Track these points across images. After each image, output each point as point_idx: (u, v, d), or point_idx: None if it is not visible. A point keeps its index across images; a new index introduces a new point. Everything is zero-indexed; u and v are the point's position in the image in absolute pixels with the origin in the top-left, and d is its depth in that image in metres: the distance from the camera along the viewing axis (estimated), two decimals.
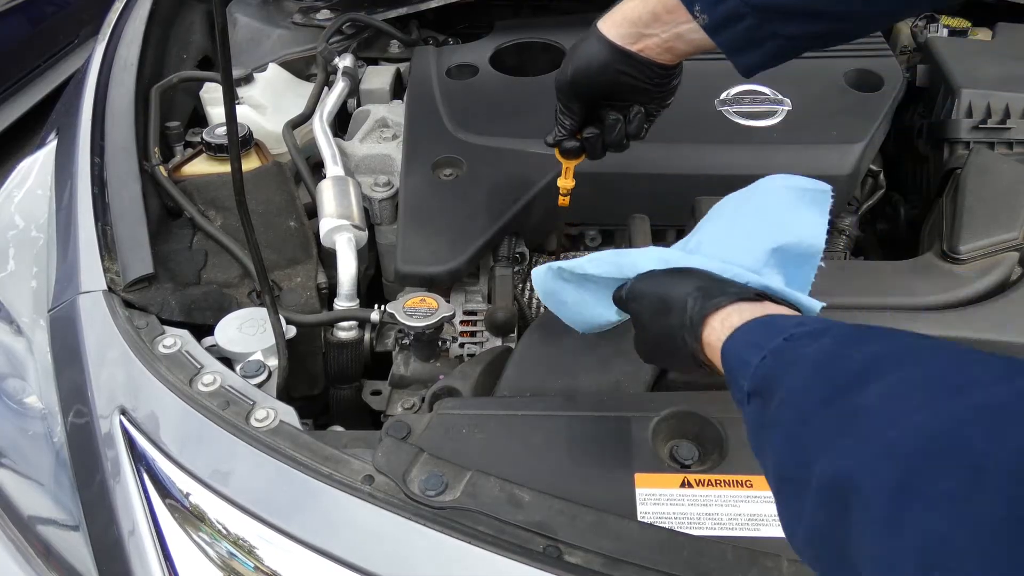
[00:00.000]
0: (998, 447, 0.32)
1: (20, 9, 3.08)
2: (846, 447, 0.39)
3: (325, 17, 1.57)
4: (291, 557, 0.69)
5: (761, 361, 0.50)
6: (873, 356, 0.43)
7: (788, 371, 0.48)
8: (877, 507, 0.36)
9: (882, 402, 0.40)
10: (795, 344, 0.50)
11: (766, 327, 0.55)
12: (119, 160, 1.12)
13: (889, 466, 0.36)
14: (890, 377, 0.41)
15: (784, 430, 0.46)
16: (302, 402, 1.01)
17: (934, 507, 0.33)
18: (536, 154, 1.18)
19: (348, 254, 1.08)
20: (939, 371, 0.40)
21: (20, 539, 0.83)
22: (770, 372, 0.49)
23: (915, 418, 0.37)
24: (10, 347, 0.98)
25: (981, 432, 0.34)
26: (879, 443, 0.37)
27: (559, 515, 0.68)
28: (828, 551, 0.41)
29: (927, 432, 0.36)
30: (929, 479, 0.34)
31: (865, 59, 1.32)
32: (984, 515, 0.31)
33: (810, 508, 0.41)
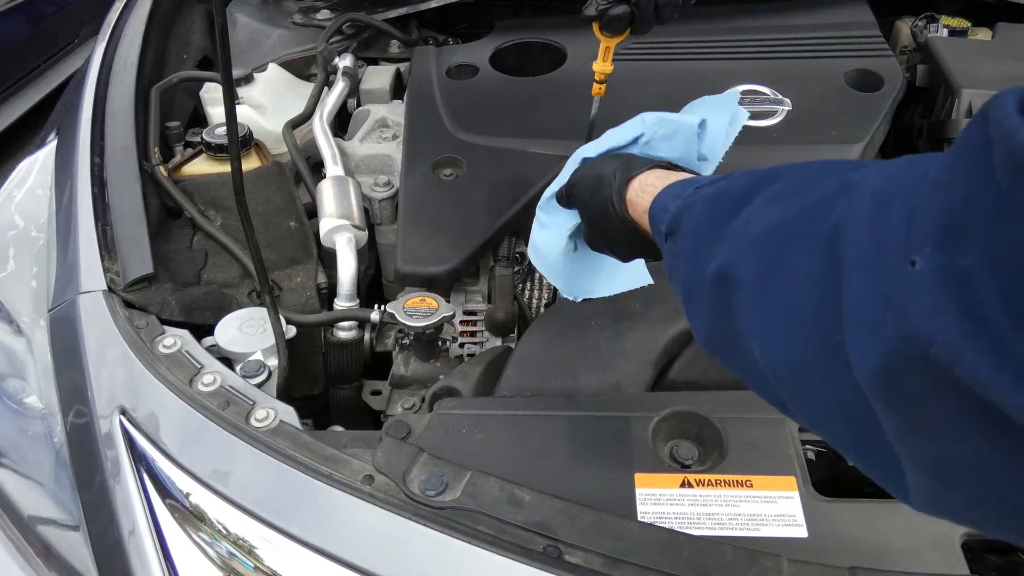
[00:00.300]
0: (821, 226, 0.41)
1: (20, 9, 3.08)
2: (726, 250, 0.49)
3: (325, 17, 1.58)
4: (291, 557, 0.69)
5: (676, 207, 0.60)
6: (750, 183, 0.53)
7: (691, 210, 0.58)
8: (749, 288, 0.45)
9: (752, 211, 0.49)
10: (701, 190, 0.59)
11: (684, 184, 0.64)
12: (119, 160, 1.12)
13: (756, 255, 0.46)
14: (760, 195, 0.50)
15: (687, 253, 0.56)
16: (302, 402, 1.01)
17: (788, 278, 0.42)
18: (536, 154, 1.18)
19: (348, 254, 1.08)
20: (793, 182, 0.49)
21: (20, 539, 0.83)
22: (679, 213, 0.59)
23: (773, 217, 0.46)
24: (10, 347, 0.98)
25: (814, 217, 0.42)
26: (748, 239, 0.47)
27: (559, 515, 0.68)
28: (721, 335, 0.50)
29: (780, 224, 0.45)
30: (784, 257, 0.43)
31: (865, 59, 1.32)
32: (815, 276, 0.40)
33: (706, 306, 0.51)
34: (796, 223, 0.44)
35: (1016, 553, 0.70)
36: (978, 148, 0.31)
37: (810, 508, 0.70)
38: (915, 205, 0.35)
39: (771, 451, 0.75)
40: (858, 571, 0.63)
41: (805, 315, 0.41)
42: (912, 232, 0.34)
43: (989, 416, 0.30)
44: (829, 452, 0.80)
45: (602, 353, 0.88)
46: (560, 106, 1.29)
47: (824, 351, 0.39)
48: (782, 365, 0.43)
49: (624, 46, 1.41)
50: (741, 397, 0.82)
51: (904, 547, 0.67)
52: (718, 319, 0.50)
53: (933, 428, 0.34)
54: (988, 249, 0.30)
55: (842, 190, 0.42)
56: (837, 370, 0.38)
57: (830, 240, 0.40)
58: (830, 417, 0.41)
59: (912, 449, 0.36)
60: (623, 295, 0.94)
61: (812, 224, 0.42)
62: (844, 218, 0.39)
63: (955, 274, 0.31)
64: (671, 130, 0.77)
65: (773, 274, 0.44)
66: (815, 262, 0.40)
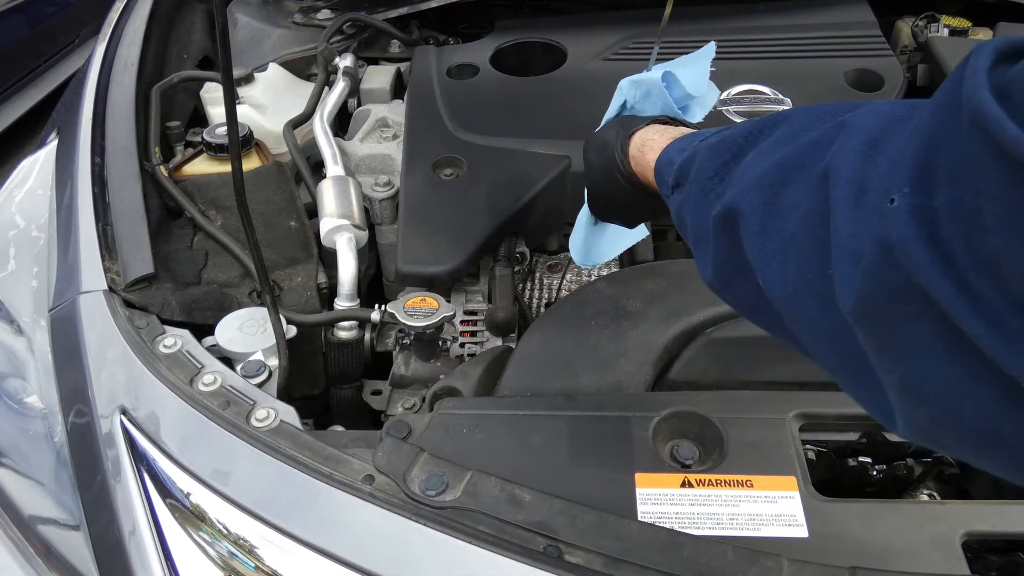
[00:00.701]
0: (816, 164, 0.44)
1: (20, 9, 3.08)
2: (730, 191, 0.52)
3: (325, 17, 1.58)
4: (291, 557, 0.69)
5: (681, 159, 0.62)
6: (753, 129, 0.55)
7: (695, 159, 0.60)
8: (752, 223, 0.48)
9: (755, 156, 0.52)
10: (706, 141, 0.61)
11: (689, 138, 0.66)
12: (119, 160, 1.12)
13: (758, 193, 0.48)
14: (764, 141, 0.52)
15: (693, 200, 0.58)
16: (302, 402, 1.01)
17: (784, 214, 0.46)
18: (536, 154, 1.18)
19: (348, 254, 1.08)
20: (795, 125, 0.51)
21: (20, 539, 0.83)
22: (685, 164, 0.61)
23: (774, 157, 0.49)
24: (10, 347, 0.98)
25: (811, 156, 0.45)
26: (751, 178, 0.50)
27: (559, 515, 0.68)
28: (730, 271, 0.53)
29: (780, 164, 0.48)
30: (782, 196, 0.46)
31: (865, 59, 1.32)
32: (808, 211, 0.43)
33: (713, 247, 0.54)
34: (793, 162, 0.47)
35: (1016, 553, 0.70)
36: (953, 98, 0.34)
37: (810, 508, 0.70)
38: (900, 146, 0.38)
39: (771, 451, 0.75)
40: (858, 571, 0.63)
41: (800, 247, 0.44)
42: (894, 172, 0.37)
43: (953, 339, 0.34)
44: (829, 452, 0.80)
45: (602, 353, 0.88)
46: (560, 106, 1.29)
47: (817, 279, 0.42)
48: (781, 294, 0.46)
49: (624, 46, 1.42)
50: (741, 397, 0.82)
51: (904, 547, 0.67)
52: (727, 256, 0.53)
53: (905, 351, 0.37)
54: (952, 193, 0.33)
55: (837, 130, 0.44)
56: (826, 298, 0.41)
57: (823, 178, 0.43)
58: (823, 343, 0.45)
59: (886, 370, 0.39)
60: (623, 295, 0.94)
61: (807, 163, 0.45)
62: (836, 157, 0.42)
63: (926, 213, 0.34)
64: (645, 90, 0.82)
65: (771, 209, 0.47)
66: (809, 198, 0.44)
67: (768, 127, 0.54)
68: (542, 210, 1.15)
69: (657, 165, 0.68)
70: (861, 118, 0.43)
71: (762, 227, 0.48)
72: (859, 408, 0.81)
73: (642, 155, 0.72)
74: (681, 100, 0.82)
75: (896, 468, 0.80)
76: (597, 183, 0.80)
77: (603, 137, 0.79)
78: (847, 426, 0.80)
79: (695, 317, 0.90)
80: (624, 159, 0.74)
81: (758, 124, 0.55)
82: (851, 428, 0.80)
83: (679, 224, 0.63)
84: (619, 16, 1.50)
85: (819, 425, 0.79)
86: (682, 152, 0.63)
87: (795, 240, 0.45)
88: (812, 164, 0.44)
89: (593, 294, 0.96)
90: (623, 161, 0.74)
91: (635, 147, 0.73)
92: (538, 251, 1.25)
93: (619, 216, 0.85)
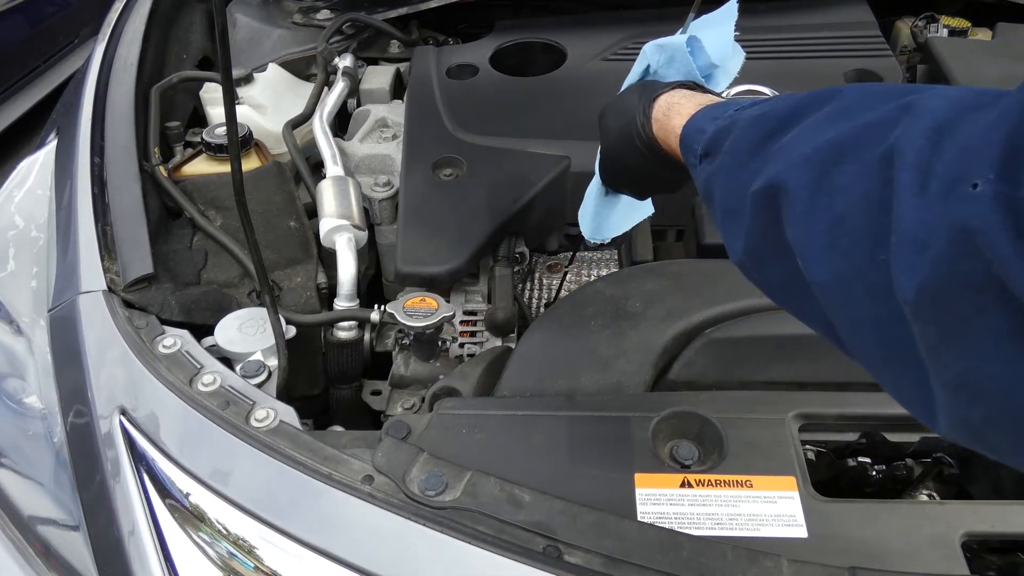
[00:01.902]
0: (876, 146, 0.42)
1: (20, 9, 3.08)
2: (775, 167, 0.50)
3: (325, 17, 1.58)
4: (291, 557, 0.69)
5: (714, 128, 0.60)
6: (800, 104, 0.53)
7: (731, 130, 0.57)
8: (798, 201, 0.47)
9: (801, 131, 0.50)
10: (740, 111, 0.59)
11: (722, 107, 0.63)
12: (119, 160, 1.12)
13: (807, 171, 0.47)
14: (809, 117, 0.50)
15: (726, 172, 0.56)
16: (302, 402, 1.01)
17: (836, 193, 0.44)
18: (536, 154, 1.18)
19: (348, 254, 1.08)
20: (848, 104, 0.49)
21: (20, 539, 0.83)
22: (718, 134, 0.59)
23: (827, 135, 0.47)
24: (10, 347, 0.98)
25: (869, 137, 0.43)
26: (800, 156, 0.48)
27: (559, 515, 0.68)
28: (764, 250, 0.52)
29: (833, 142, 0.46)
30: (833, 176, 0.45)
31: (865, 59, 1.32)
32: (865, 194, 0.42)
33: (748, 222, 0.52)
34: (849, 141, 0.45)
35: (1016, 553, 0.70)
36: None
37: (810, 508, 0.70)
38: (978, 132, 0.36)
39: (771, 451, 0.75)
40: (858, 571, 0.63)
41: (852, 229, 0.42)
42: (971, 158, 0.35)
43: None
44: (829, 452, 0.80)
45: (602, 353, 0.88)
46: (560, 106, 1.29)
47: (868, 265, 0.41)
48: (824, 278, 0.45)
49: (624, 46, 1.41)
50: (741, 397, 0.82)
51: (904, 547, 0.67)
52: (764, 233, 0.51)
53: (969, 344, 0.36)
54: None
55: (901, 112, 0.42)
56: (878, 284, 0.40)
57: (885, 160, 0.41)
58: (865, 333, 0.43)
59: (943, 364, 0.38)
60: (623, 295, 0.94)
61: (866, 143, 0.43)
62: (902, 140, 0.40)
63: (1012, 202, 0.33)
64: (668, 55, 0.79)
65: (821, 188, 0.45)
66: (867, 180, 0.42)
67: (816, 102, 0.51)
68: (542, 210, 1.15)
69: (684, 132, 0.65)
70: (929, 101, 0.42)
71: (809, 206, 0.46)
72: (859, 408, 0.82)
73: (667, 119, 0.69)
74: (705, 68, 0.79)
75: (895, 468, 0.80)
76: (613, 149, 0.77)
77: (623, 101, 0.75)
78: (847, 426, 0.80)
79: (695, 317, 0.90)
80: (646, 123, 0.71)
81: (805, 98, 0.53)
82: (851, 428, 0.80)
83: (705, 196, 0.61)
84: (619, 16, 1.50)
85: (819, 425, 0.79)
86: (715, 121, 0.61)
87: (845, 222, 0.43)
88: (871, 145, 0.43)
89: (593, 294, 0.96)
90: (644, 125, 0.71)
91: (659, 111, 0.70)
92: (538, 251, 1.25)
93: (633, 186, 0.81)
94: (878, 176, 0.41)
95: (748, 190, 0.51)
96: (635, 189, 0.82)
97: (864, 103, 0.48)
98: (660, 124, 0.70)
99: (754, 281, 0.56)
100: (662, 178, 0.76)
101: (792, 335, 0.87)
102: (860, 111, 0.47)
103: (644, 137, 0.71)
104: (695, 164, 0.62)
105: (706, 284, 0.95)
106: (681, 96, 0.70)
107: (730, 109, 0.61)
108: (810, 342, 0.87)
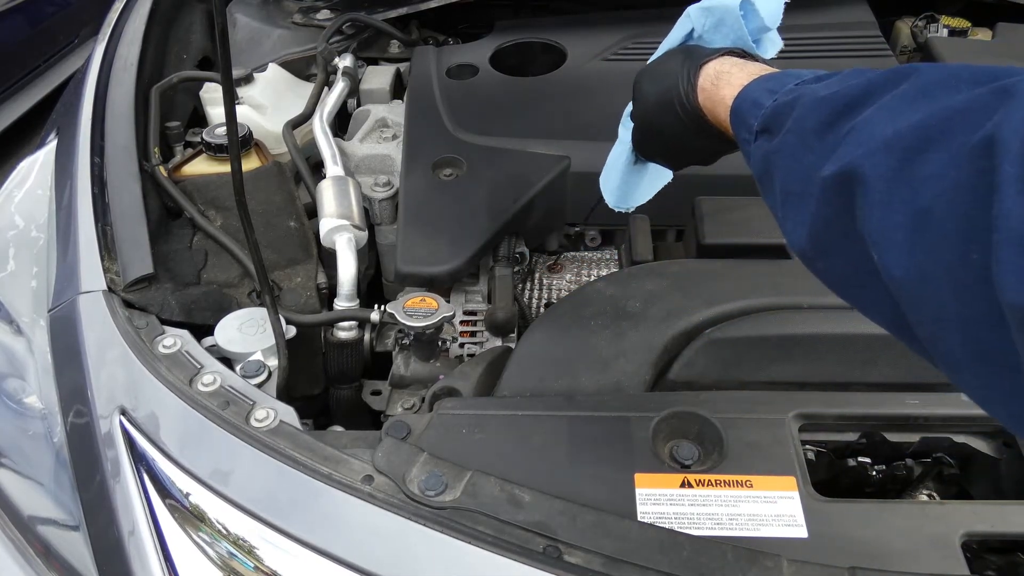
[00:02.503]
0: (969, 133, 0.39)
1: (20, 9, 3.08)
2: (849, 151, 0.46)
3: (325, 17, 1.58)
4: (291, 557, 0.69)
5: (773, 102, 0.56)
6: (872, 82, 0.49)
7: (794, 106, 0.53)
8: (876, 191, 0.43)
9: (877, 112, 0.46)
10: (803, 86, 0.55)
11: (779, 78, 0.59)
12: (119, 160, 1.12)
13: (886, 157, 0.43)
14: (885, 96, 0.47)
15: (789, 152, 0.52)
16: (302, 402, 1.01)
17: (921, 184, 0.41)
18: (536, 154, 1.18)
19: (348, 254, 1.08)
20: (929, 84, 0.45)
21: (20, 539, 0.83)
22: (779, 109, 0.55)
23: (908, 118, 0.43)
24: (10, 347, 0.98)
25: (959, 123, 0.40)
26: (879, 140, 0.44)
27: (559, 515, 0.68)
28: (832, 239, 0.48)
29: (917, 127, 0.42)
30: (917, 164, 0.41)
31: (865, 59, 1.32)
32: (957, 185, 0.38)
33: (815, 208, 0.49)
34: (935, 127, 0.41)
35: (1016, 553, 0.70)
36: None
37: (810, 508, 0.70)
38: None
39: (771, 451, 0.75)
40: (858, 571, 0.63)
41: (938, 223, 0.39)
42: None
43: None
44: (829, 452, 0.80)
45: (602, 353, 0.88)
46: (560, 106, 1.29)
47: (957, 262, 0.38)
48: (902, 273, 0.42)
49: (624, 46, 1.42)
50: (741, 397, 0.82)
51: (904, 547, 0.67)
52: (833, 222, 0.48)
53: None
54: None
55: (997, 97, 0.39)
56: (968, 283, 0.37)
57: (981, 150, 0.37)
58: (949, 333, 0.40)
59: None
60: (623, 295, 0.94)
61: (956, 129, 0.40)
62: (1004, 129, 0.37)
63: None
64: (717, 18, 0.74)
65: (903, 177, 0.42)
66: (958, 170, 0.39)
67: (891, 81, 0.48)
68: (542, 210, 1.15)
69: (736, 104, 0.61)
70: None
71: (887, 196, 0.42)
72: (859, 408, 0.82)
73: (715, 89, 0.65)
74: (756, 32, 0.74)
75: (895, 468, 0.80)
76: (650, 116, 0.72)
77: (663, 66, 0.71)
78: (847, 426, 0.80)
79: (695, 317, 0.90)
80: (690, 92, 0.67)
81: (878, 77, 0.49)
82: (851, 428, 0.80)
83: (762, 174, 0.57)
84: (619, 16, 1.50)
85: (818, 425, 0.79)
86: (772, 95, 0.57)
87: (931, 215, 0.39)
88: (962, 132, 0.39)
89: (593, 294, 0.96)
90: (688, 94, 0.67)
91: (707, 79, 0.66)
92: (538, 251, 1.25)
93: (669, 155, 0.77)
94: (971, 166, 0.38)
95: (816, 174, 0.48)
96: (670, 159, 0.78)
97: (948, 84, 0.44)
98: (707, 94, 0.66)
99: (815, 270, 0.52)
100: (702, 149, 0.72)
101: (792, 335, 0.87)
102: (943, 93, 0.43)
103: (687, 106, 0.67)
104: (749, 139, 0.59)
105: (706, 284, 0.95)
106: (731, 64, 0.66)
107: (789, 82, 0.57)
108: (810, 342, 0.87)
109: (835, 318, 0.88)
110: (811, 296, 0.91)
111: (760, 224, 1.04)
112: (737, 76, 0.64)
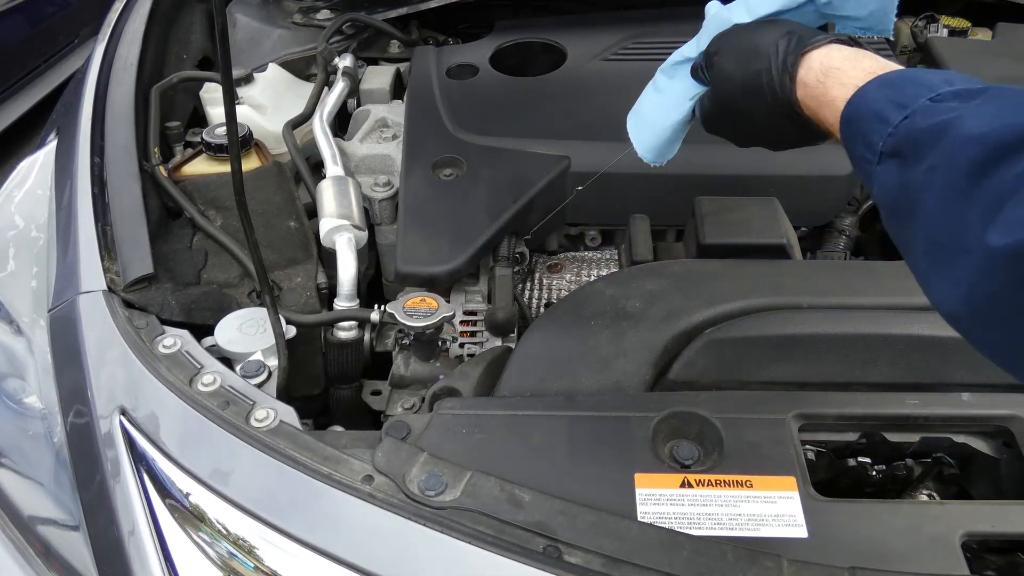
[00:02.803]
0: None
1: (20, 9, 3.08)
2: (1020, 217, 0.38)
3: (325, 17, 1.58)
4: (291, 557, 0.69)
5: (903, 120, 0.48)
6: None
7: (939, 136, 0.45)
8: None
9: None
10: (944, 106, 0.47)
11: (908, 83, 0.51)
12: (119, 160, 1.12)
13: None
14: None
15: (937, 196, 0.45)
16: (302, 402, 1.01)
17: None
18: (536, 154, 1.18)
19: (348, 254, 1.08)
20: None
21: (20, 539, 0.83)
22: (916, 134, 0.47)
23: None
24: (10, 347, 0.98)
25: None
26: None
27: (559, 515, 0.68)
28: (999, 310, 0.41)
29: None
30: None
31: None
32: None
33: (977, 279, 0.41)
34: None
35: (1016, 553, 0.70)
36: None
37: (810, 508, 0.70)
38: None
39: (771, 451, 0.75)
40: (858, 571, 0.63)
41: None
42: None
43: None
44: (828, 453, 0.80)
45: (602, 353, 0.88)
46: (560, 106, 1.29)
47: None
48: None
49: (624, 46, 1.41)
50: (741, 397, 0.82)
51: (904, 547, 0.67)
52: (1000, 296, 0.41)
53: None
54: None
55: None
56: None
57: None
58: None
59: None
60: (623, 295, 0.94)
61: None
62: None
63: None
64: None
65: None
66: None
67: None
68: (542, 210, 1.15)
69: (851, 112, 0.53)
70: None
71: None
72: (859, 408, 0.82)
73: (822, 88, 0.56)
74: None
75: (895, 468, 0.80)
76: (730, 97, 0.64)
77: (753, 41, 0.61)
78: (847, 426, 0.80)
79: (695, 317, 0.90)
80: (788, 84, 0.58)
81: None
82: (851, 428, 0.80)
83: (896, 206, 0.49)
84: (619, 16, 1.50)
85: (818, 425, 0.79)
86: (901, 109, 0.48)
87: None
88: None
89: (593, 294, 0.96)
90: (784, 85, 0.58)
91: (812, 72, 0.57)
92: (538, 251, 1.25)
93: (743, 137, 0.68)
94: None
95: (976, 233, 0.41)
96: (743, 140, 0.70)
97: None
98: (811, 91, 0.57)
99: (971, 338, 0.45)
100: (786, 139, 0.64)
101: (792, 335, 0.87)
102: None
103: (780, 96, 0.59)
104: (871, 160, 0.50)
105: (706, 284, 0.95)
106: (841, 58, 0.56)
107: (921, 95, 0.48)
108: (810, 342, 0.87)
109: (835, 318, 0.88)
110: (811, 296, 0.91)
111: (760, 224, 1.04)
112: (849, 73, 0.55)
